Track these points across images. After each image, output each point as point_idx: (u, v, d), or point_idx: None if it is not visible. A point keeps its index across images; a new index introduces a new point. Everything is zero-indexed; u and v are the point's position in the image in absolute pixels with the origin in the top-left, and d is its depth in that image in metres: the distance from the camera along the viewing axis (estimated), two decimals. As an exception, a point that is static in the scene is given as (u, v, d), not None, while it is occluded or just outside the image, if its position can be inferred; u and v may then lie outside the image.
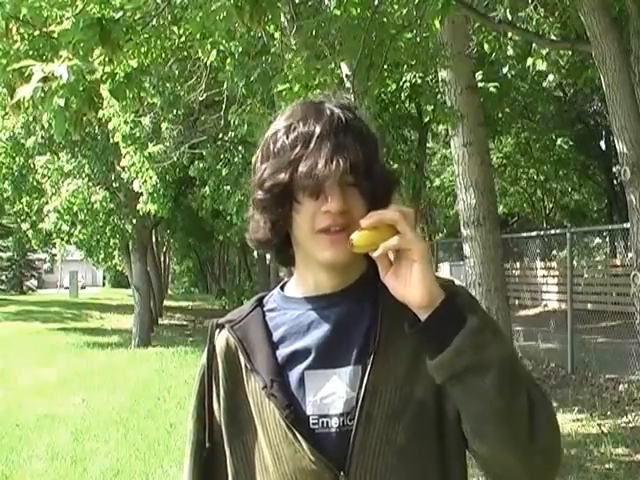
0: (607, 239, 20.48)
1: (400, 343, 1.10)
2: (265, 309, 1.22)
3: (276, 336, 1.18)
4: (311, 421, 1.12)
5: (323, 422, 1.11)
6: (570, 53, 12.23)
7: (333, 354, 1.13)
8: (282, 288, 1.25)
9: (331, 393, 1.12)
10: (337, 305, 1.16)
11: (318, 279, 1.17)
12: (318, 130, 1.08)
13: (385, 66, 5.50)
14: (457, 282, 1.20)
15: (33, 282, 47.80)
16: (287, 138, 1.10)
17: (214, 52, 6.60)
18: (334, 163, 1.05)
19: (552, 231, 17.02)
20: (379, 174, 1.12)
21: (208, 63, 7.24)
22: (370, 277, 1.15)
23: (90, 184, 14.13)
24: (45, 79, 3.30)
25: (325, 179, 1.06)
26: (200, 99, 9.27)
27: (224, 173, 12.71)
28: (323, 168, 1.05)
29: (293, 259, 1.20)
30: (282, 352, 1.16)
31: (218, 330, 1.23)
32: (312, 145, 1.07)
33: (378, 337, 1.12)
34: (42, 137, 14.41)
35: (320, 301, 1.17)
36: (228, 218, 14.66)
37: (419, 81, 9.86)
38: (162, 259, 30.96)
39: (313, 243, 1.11)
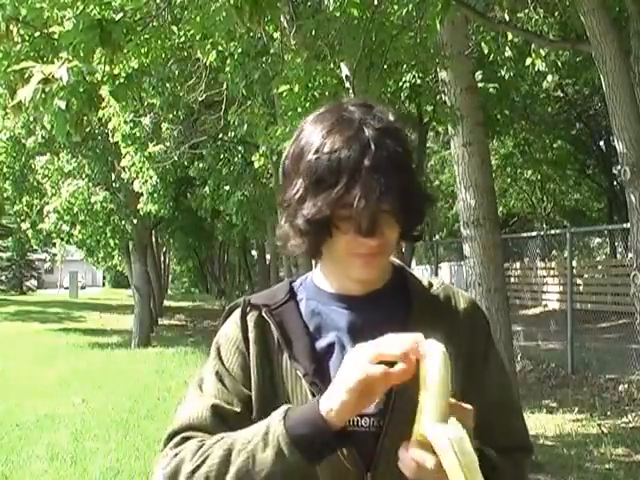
0: (607, 239, 20.50)
1: None
2: (297, 298, 1.24)
3: (311, 326, 1.20)
4: None
5: (353, 420, 1.12)
6: (570, 53, 12.25)
7: None
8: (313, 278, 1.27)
9: None
10: (368, 308, 1.20)
11: (345, 282, 1.21)
12: (366, 164, 1.08)
13: (385, 66, 5.50)
14: (480, 306, 1.30)
15: (33, 282, 47.81)
16: (330, 167, 1.09)
17: (214, 52, 6.61)
18: (385, 203, 1.08)
19: (552, 231, 17.02)
20: (416, 204, 1.15)
21: (208, 63, 7.25)
22: (397, 284, 1.23)
23: (90, 184, 14.13)
24: (45, 80, 3.30)
25: (374, 217, 1.08)
26: (200, 99, 9.27)
27: (224, 173, 12.72)
28: (374, 207, 1.07)
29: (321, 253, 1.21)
30: (319, 343, 1.19)
31: (251, 310, 1.23)
32: (361, 181, 1.07)
33: None
34: (42, 137, 14.42)
35: (351, 301, 1.21)
36: (228, 218, 14.68)
37: (419, 81, 9.86)
38: (162, 259, 30.96)
39: (347, 263, 1.15)
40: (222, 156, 12.77)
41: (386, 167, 1.09)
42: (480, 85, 7.77)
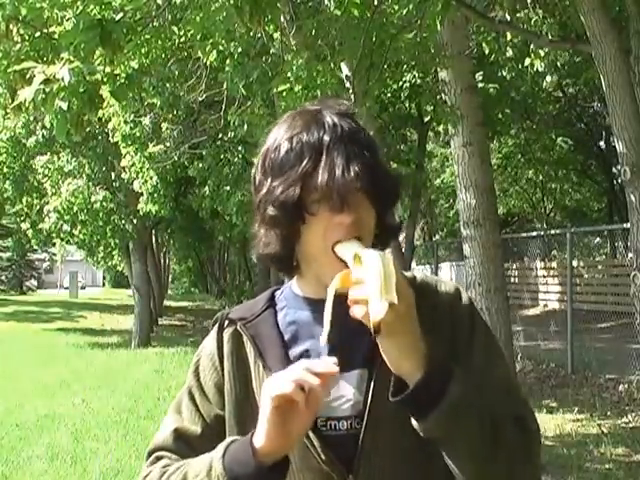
0: (607, 239, 20.50)
1: None
2: (277, 307, 1.24)
3: (287, 336, 1.20)
4: (319, 422, 1.12)
5: (331, 424, 1.13)
6: (570, 53, 12.26)
7: (341, 357, 1.12)
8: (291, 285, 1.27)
9: (340, 396, 1.13)
10: (343, 309, 1.16)
11: (321, 283, 1.17)
12: (326, 139, 1.09)
13: (385, 66, 5.50)
14: (463, 294, 1.23)
15: (33, 282, 47.83)
16: (292, 150, 1.11)
17: (214, 52, 6.60)
18: (351, 172, 1.06)
19: (552, 231, 17.00)
20: (385, 180, 1.14)
21: (208, 63, 7.24)
22: None
23: (90, 184, 14.14)
24: (46, 81, 3.31)
25: (344, 188, 1.06)
26: (200, 99, 9.26)
27: (224, 173, 12.72)
28: (341, 178, 1.06)
29: (294, 269, 1.20)
30: (293, 352, 1.18)
31: (228, 324, 1.24)
32: (324, 156, 1.08)
33: None
34: (43, 137, 14.42)
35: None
36: (228, 218, 14.68)
37: (419, 81, 9.88)
38: (162, 259, 30.96)
39: (327, 262, 1.11)
40: (222, 156, 12.77)
41: (348, 141, 1.10)
42: (480, 85, 7.77)
